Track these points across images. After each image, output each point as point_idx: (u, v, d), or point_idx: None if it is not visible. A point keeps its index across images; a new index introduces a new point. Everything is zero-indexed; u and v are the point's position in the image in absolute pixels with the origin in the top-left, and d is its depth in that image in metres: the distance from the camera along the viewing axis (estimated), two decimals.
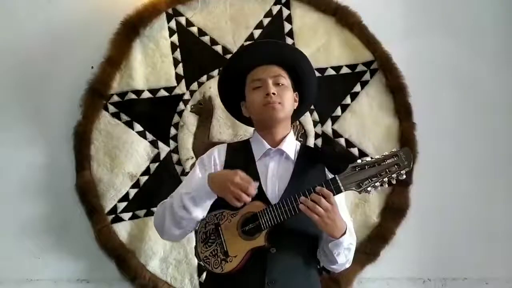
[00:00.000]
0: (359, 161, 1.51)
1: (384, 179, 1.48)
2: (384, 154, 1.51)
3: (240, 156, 1.69)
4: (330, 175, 1.63)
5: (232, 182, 1.49)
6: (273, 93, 1.64)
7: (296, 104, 1.75)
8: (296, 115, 1.81)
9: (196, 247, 1.64)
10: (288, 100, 1.67)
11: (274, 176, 1.64)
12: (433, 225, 2.53)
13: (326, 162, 1.68)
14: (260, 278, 1.53)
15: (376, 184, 1.49)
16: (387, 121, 2.54)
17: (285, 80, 1.69)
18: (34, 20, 2.60)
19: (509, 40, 2.61)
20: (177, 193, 1.64)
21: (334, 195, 1.50)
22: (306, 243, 1.61)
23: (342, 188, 1.50)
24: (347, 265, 1.65)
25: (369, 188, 1.49)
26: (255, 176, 1.61)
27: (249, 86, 1.70)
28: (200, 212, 1.58)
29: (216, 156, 1.70)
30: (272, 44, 1.81)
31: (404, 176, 1.49)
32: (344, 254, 1.58)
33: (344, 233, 1.53)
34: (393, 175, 1.48)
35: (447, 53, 2.57)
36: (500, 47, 2.61)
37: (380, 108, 2.54)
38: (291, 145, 1.69)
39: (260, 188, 1.58)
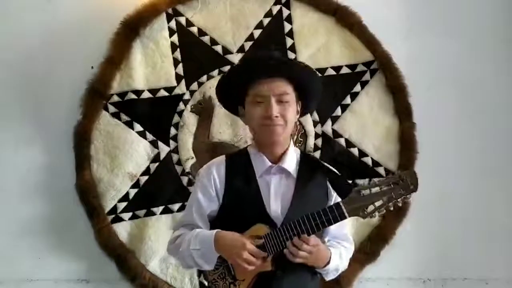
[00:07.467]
0: (362, 182, 1.48)
1: (389, 204, 1.45)
2: (389, 176, 1.48)
3: (241, 173, 1.63)
4: (331, 189, 1.63)
5: (240, 256, 1.49)
6: (276, 116, 1.55)
7: (299, 115, 1.66)
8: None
9: (204, 270, 1.66)
10: (290, 118, 1.58)
11: (277, 194, 1.60)
12: (433, 225, 2.53)
13: (330, 180, 1.64)
14: None
15: (381, 209, 1.46)
16: (387, 121, 2.54)
17: (290, 96, 1.57)
18: (34, 20, 2.60)
19: (509, 40, 2.60)
20: (188, 241, 1.58)
21: (338, 221, 1.49)
22: None
23: (346, 214, 1.47)
24: (342, 271, 1.68)
25: (374, 214, 1.47)
26: (257, 195, 1.59)
27: (250, 98, 1.59)
28: (211, 265, 1.59)
29: (216, 175, 1.63)
30: (278, 59, 1.63)
31: (410, 199, 1.46)
32: (332, 273, 1.63)
33: (328, 262, 1.57)
34: (398, 200, 1.45)
35: (447, 53, 2.57)
36: (500, 47, 2.60)
37: (380, 108, 2.54)
38: (291, 160, 1.64)
39: (263, 208, 1.57)
